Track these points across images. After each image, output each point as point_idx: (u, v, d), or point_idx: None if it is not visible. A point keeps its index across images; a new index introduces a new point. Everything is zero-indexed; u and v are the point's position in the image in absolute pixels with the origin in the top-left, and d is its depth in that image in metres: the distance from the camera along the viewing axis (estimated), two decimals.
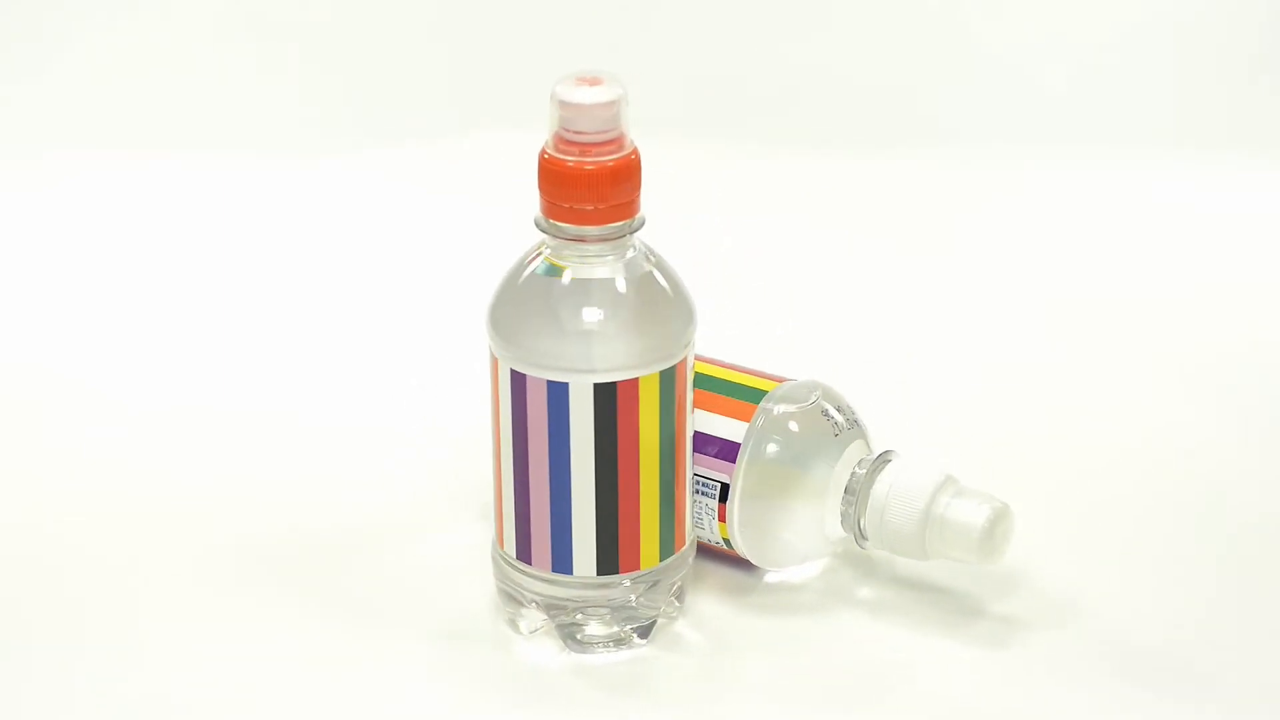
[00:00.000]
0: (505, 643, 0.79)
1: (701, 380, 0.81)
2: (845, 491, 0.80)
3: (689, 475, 0.78)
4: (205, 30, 1.25)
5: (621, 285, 0.74)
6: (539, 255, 0.75)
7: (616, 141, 0.73)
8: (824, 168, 1.23)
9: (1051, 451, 0.93)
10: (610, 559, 0.76)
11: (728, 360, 0.84)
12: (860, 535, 0.80)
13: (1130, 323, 1.06)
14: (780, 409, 0.80)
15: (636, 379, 0.74)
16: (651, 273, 0.75)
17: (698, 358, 0.81)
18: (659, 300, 0.75)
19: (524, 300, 0.75)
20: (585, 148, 0.73)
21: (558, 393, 0.74)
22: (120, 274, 1.10)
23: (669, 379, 0.75)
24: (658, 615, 0.78)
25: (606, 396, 0.74)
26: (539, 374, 0.74)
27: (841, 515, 0.80)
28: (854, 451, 0.81)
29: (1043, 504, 0.87)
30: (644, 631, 0.78)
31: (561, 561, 0.77)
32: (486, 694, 0.77)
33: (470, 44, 1.24)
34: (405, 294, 1.08)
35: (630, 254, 0.75)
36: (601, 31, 1.25)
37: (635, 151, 0.74)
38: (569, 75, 0.73)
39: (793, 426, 0.80)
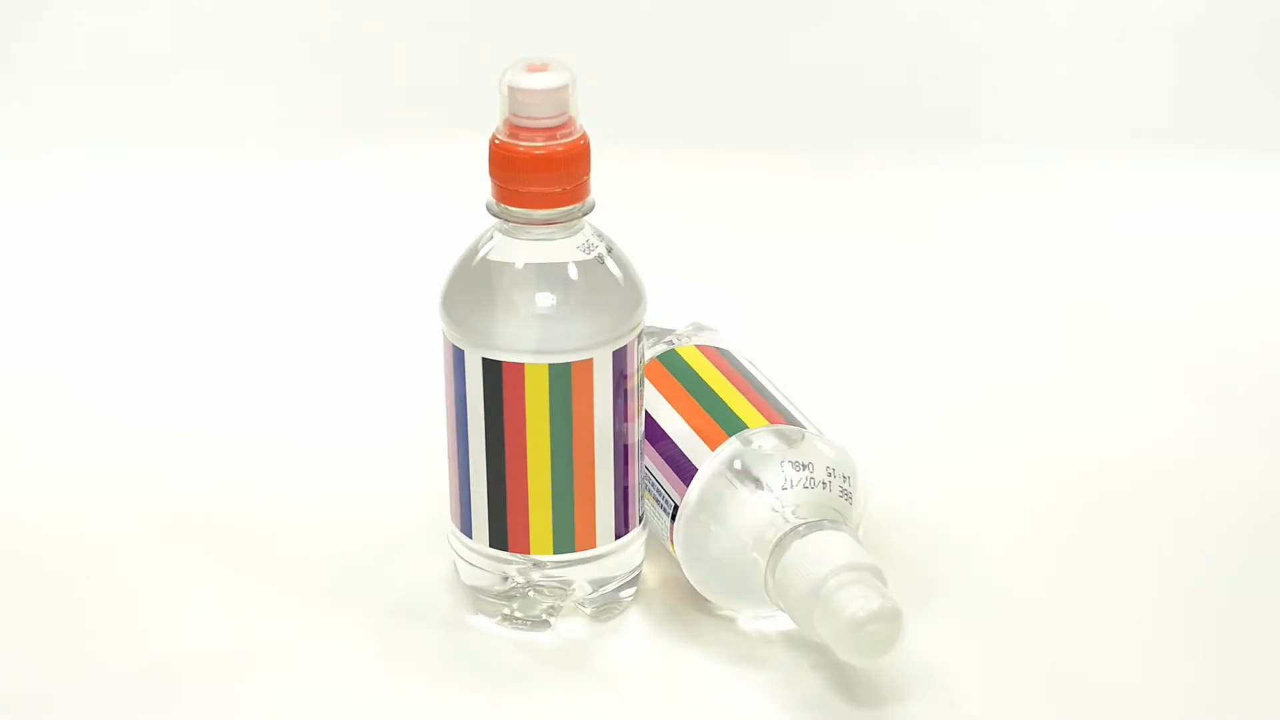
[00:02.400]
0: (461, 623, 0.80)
1: (700, 391, 0.81)
2: (774, 545, 0.76)
3: (609, 478, 0.77)
4: (201, 32, 1.27)
5: (533, 270, 0.75)
6: (491, 238, 0.76)
7: (563, 127, 0.74)
8: (823, 168, 1.23)
9: (1049, 455, 0.93)
10: (500, 534, 0.78)
11: (761, 377, 0.83)
12: (769, 592, 0.76)
13: (1130, 324, 1.06)
14: (755, 445, 0.78)
15: (522, 365, 0.75)
16: (594, 262, 0.75)
17: (722, 364, 0.82)
18: (577, 294, 0.75)
19: (464, 270, 0.76)
20: (532, 132, 0.74)
21: (459, 359, 0.76)
22: (111, 273, 1.11)
23: (562, 374, 0.75)
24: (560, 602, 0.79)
25: (494, 374, 0.75)
26: (449, 336, 0.76)
27: (766, 567, 0.76)
28: (805, 510, 0.77)
29: (1040, 509, 0.88)
30: (552, 612, 0.80)
31: (466, 525, 0.78)
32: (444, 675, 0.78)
33: (463, 44, 1.25)
34: (399, 291, 1.09)
35: (571, 241, 0.75)
36: (599, 32, 1.26)
37: (584, 137, 0.74)
38: (518, 61, 0.74)
39: (747, 467, 0.78)
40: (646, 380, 0.83)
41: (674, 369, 0.83)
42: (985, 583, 0.82)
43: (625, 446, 0.77)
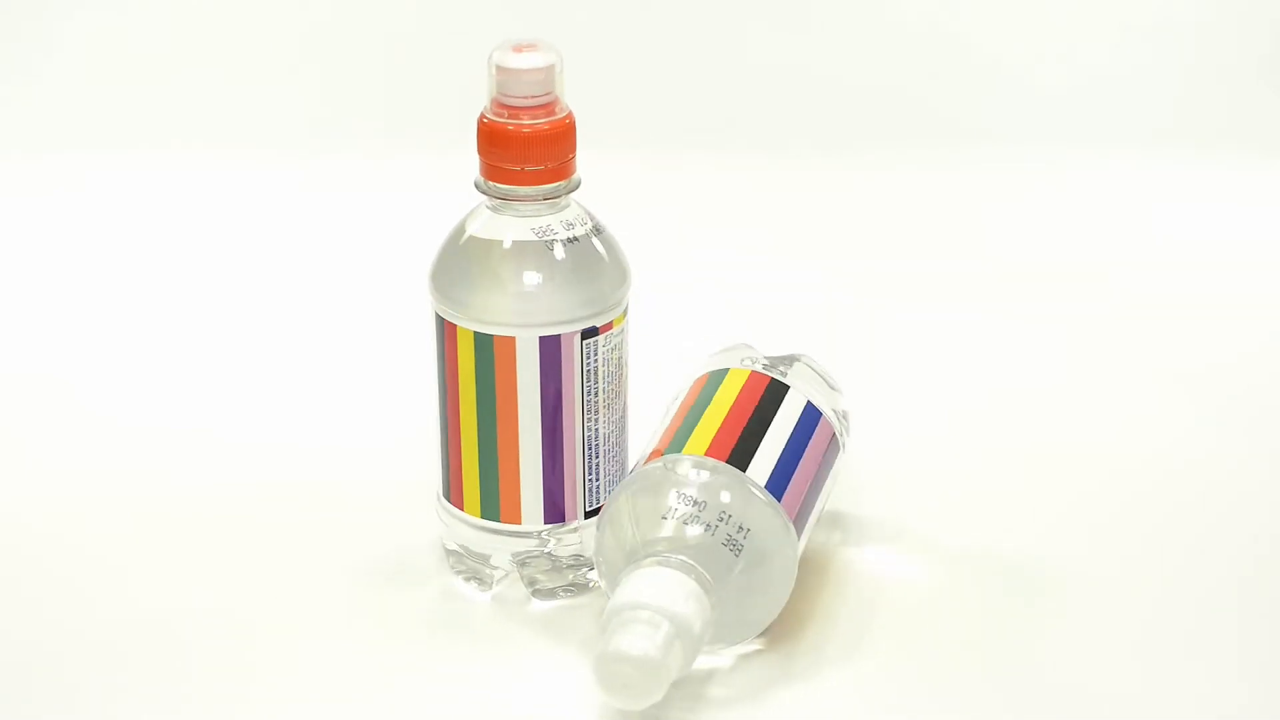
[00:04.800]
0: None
1: (697, 409, 0.80)
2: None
3: (536, 461, 0.78)
4: (201, 32, 1.27)
5: (505, 243, 0.77)
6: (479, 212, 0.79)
7: (547, 106, 0.76)
8: (821, 168, 1.23)
9: (1051, 457, 0.92)
10: (449, 485, 0.81)
11: (786, 426, 0.80)
12: None
13: (1131, 324, 1.06)
14: (674, 470, 0.77)
15: (455, 325, 0.77)
16: (542, 245, 0.76)
17: (751, 395, 0.81)
18: (514, 271, 0.77)
19: (451, 239, 0.79)
20: (517, 111, 0.76)
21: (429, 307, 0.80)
22: (111, 273, 1.12)
23: (486, 344, 0.77)
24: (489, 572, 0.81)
25: (441, 328, 0.78)
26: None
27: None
28: (677, 545, 0.75)
29: (1042, 511, 0.87)
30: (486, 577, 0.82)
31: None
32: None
33: (461, 41, 1.25)
34: (398, 287, 1.09)
35: (526, 222, 0.77)
36: (597, 30, 1.26)
37: (570, 116, 0.76)
38: (505, 42, 0.76)
39: (651, 489, 0.76)
40: (688, 388, 0.83)
41: (707, 385, 0.82)
42: (988, 585, 0.82)
43: (562, 436, 0.78)
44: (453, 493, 0.80)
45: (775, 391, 0.81)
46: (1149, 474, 0.90)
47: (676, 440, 0.78)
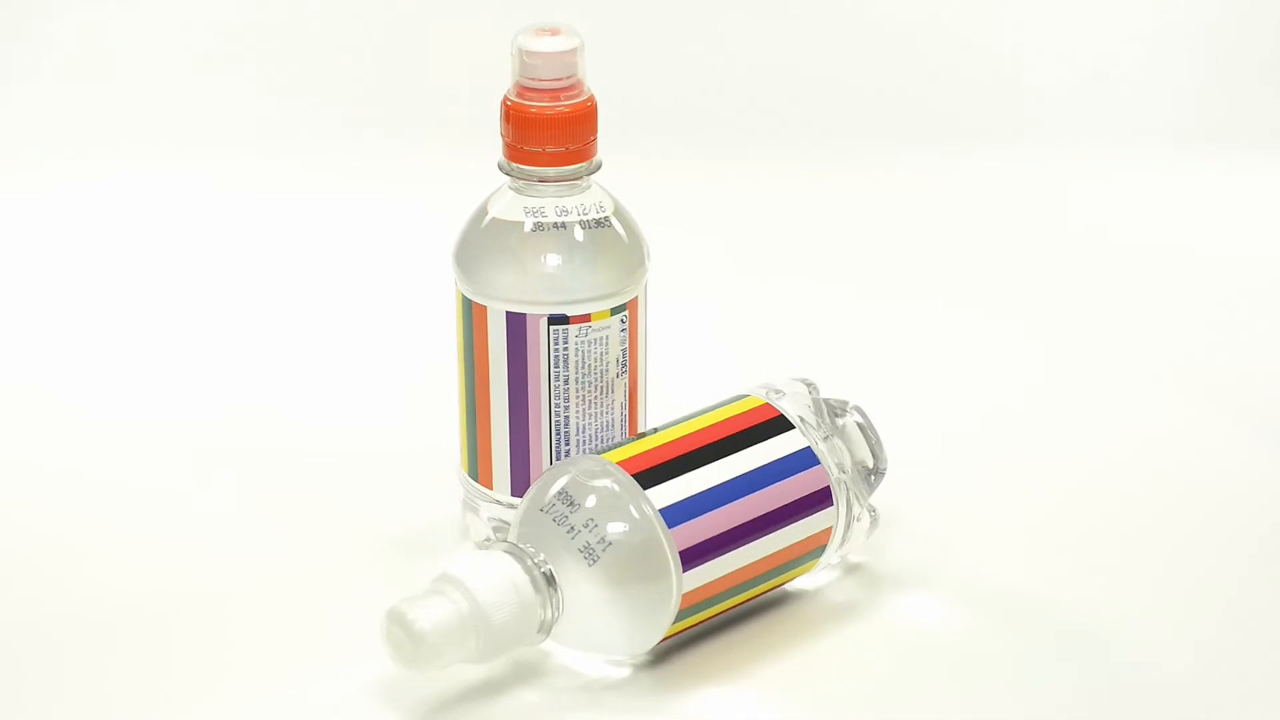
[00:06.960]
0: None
1: (678, 421, 0.79)
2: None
3: (505, 435, 0.80)
4: (200, 31, 1.27)
5: (516, 222, 0.79)
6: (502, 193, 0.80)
7: (571, 89, 0.78)
8: (820, 169, 1.23)
9: (1051, 460, 0.92)
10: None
11: (755, 458, 0.78)
12: None
13: (1131, 325, 1.06)
14: (578, 471, 0.76)
15: (457, 290, 0.80)
16: (530, 226, 0.78)
17: (737, 422, 0.79)
18: (510, 245, 0.79)
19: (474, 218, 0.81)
20: (529, 93, 0.78)
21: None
22: (110, 273, 1.11)
23: (469, 310, 0.80)
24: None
25: (456, 290, 0.81)
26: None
27: None
28: (533, 540, 0.74)
29: (1043, 515, 0.88)
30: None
31: None
32: None
33: (462, 51, 1.25)
34: (399, 285, 1.09)
35: (521, 201, 0.78)
36: (599, 34, 1.25)
37: (591, 99, 0.78)
38: (529, 26, 0.78)
39: (552, 479, 0.76)
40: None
41: (718, 403, 0.81)
42: (985, 586, 0.82)
43: (527, 415, 0.79)
44: (458, 437, 0.83)
45: (772, 426, 0.79)
46: (1148, 474, 0.90)
47: (623, 446, 0.77)
